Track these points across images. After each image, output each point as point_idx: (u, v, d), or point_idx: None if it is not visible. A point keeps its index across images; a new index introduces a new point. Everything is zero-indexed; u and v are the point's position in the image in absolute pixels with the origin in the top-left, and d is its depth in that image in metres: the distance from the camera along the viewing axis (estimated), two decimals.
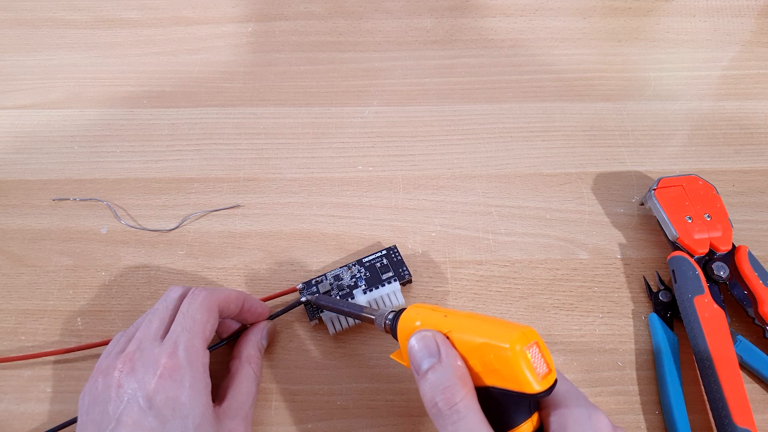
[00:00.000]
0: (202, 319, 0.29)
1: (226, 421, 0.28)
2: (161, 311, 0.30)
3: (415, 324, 0.27)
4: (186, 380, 0.27)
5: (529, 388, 0.23)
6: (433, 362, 0.25)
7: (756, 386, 0.35)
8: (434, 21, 0.53)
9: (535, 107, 0.48)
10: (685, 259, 0.36)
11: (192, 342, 0.28)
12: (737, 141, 0.46)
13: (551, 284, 0.38)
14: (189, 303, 0.30)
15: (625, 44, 0.52)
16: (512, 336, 0.23)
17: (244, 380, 0.31)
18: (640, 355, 0.36)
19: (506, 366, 0.23)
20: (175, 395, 0.26)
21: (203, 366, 0.28)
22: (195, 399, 0.27)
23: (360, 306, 0.32)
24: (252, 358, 0.32)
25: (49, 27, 0.52)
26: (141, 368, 0.27)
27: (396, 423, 0.33)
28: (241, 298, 0.33)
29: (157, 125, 0.46)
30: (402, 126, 0.46)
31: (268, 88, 0.49)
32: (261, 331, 0.34)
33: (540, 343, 0.24)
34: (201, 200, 0.42)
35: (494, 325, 0.25)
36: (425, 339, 0.25)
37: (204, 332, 0.29)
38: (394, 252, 0.38)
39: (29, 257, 0.40)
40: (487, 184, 0.43)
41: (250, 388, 0.31)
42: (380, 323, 0.30)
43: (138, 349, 0.28)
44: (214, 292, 0.31)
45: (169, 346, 0.28)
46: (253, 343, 0.33)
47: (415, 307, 0.28)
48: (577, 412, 0.24)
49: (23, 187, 0.43)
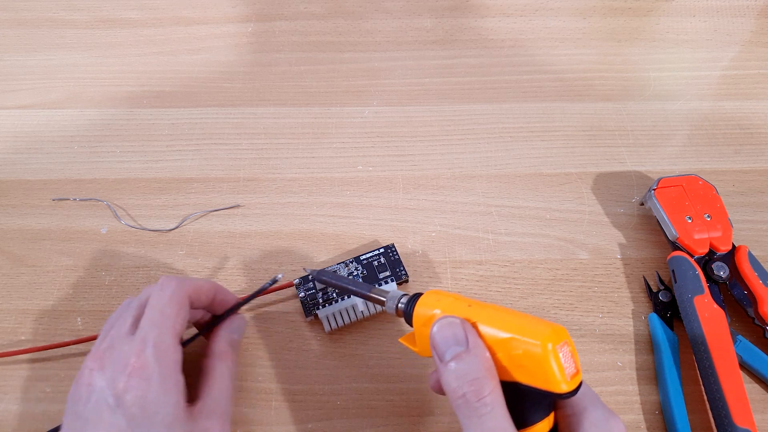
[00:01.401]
0: (172, 313, 0.28)
1: (201, 420, 0.28)
2: (134, 308, 0.29)
3: (434, 311, 0.26)
4: (154, 378, 0.26)
5: (557, 387, 0.22)
6: (459, 351, 0.24)
7: (756, 386, 0.35)
8: (434, 21, 0.53)
9: (535, 107, 0.48)
10: (685, 259, 0.36)
11: (161, 338, 0.27)
12: (737, 141, 0.46)
13: (551, 284, 0.38)
14: (158, 296, 0.29)
15: (625, 44, 0.52)
16: (545, 333, 0.23)
17: (217, 377, 0.30)
18: (640, 355, 0.36)
19: (536, 363, 0.23)
20: (143, 394, 0.26)
21: (173, 363, 0.27)
22: (164, 398, 0.26)
23: (368, 285, 0.31)
24: (224, 354, 0.31)
25: (49, 27, 0.52)
26: (110, 366, 0.27)
27: (396, 423, 0.33)
28: (213, 289, 0.32)
29: (157, 125, 0.47)
30: (402, 126, 0.46)
31: (268, 88, 0.49)
32: (231, 325, 0.33)
33: (570, 343, 0.23)
34: (201, 200, 0.42)
35: (525, 320, 0.24)
36: (453, 326, 0.25)
37: (174, 327, 0.28)
38: (391, 250, 0.38)
39: (29, 257, 0.40)
40: (487, 184, 0.43)
41: (224, 385, 0.30)
42: (392, 306, 0.28)
43: (109, 347, 0.28)
44: (184, 283, 0.30)
45: (138, 344, 0.27)
46: (224, 338, 0.32)
47: (435, 293, 0.27)
48: (595, 415, 0.24)
49: (23, 187, 0.43)
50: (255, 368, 0.35)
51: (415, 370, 0.35)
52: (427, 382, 0.34)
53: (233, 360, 0.31)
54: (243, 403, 0.34)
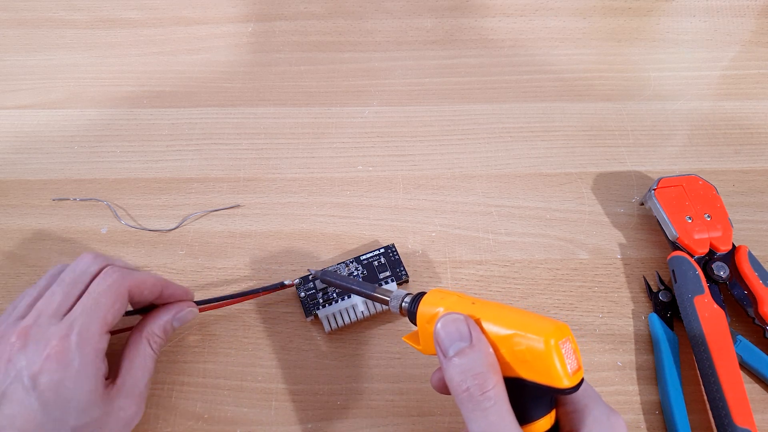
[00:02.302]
0: (107, 304, 0.28)
1: (118, 399, 0.28)
2: (68, 285, 0.29)
3: (438, 309, 0.26)
4: (74, 365, 0.26)
5: (559, 382, 0.23)
6: (463, 346, 0.24)
7: (756, 386, 0.35)
8: (434, 21, 0.53)
9: (535, 107, 0.48)
10: (685, 259, 0.36)
11: (88, 327, 0.27)
12: (737, 141, 0.46)
13: (551, 284, 0.38)
14: (98, 283, 0.29)
15: (625, 44, 0.52)
16: (547, 329, 0.23)
17: (140, 358, 0.30)
18: (640, 355, 0.36)
19: (538, 359, 0.23)
20: (59, 378, 0.26)
21: (96, 351, 0.27)
22: (81, 384, 0.26)
23: (372, 285, 0.31)
24: (153, 337, 0.31)
25: (49, 27, 0.52)
26: (33, 345, 0.27)
27: (396, 423, 0.33)
28: (159, 285, 0.31)
29: (157, 125, 0.46)
30: (402, 126, 0.46)
31: (268, 88, 0.49)
32: (173, 311, 0.32)
33: (572, 340, 0.24)
34: (201, 200, 0.42)
35: (527, 316, 0.24)
36: (456, 322, 0.25)
37: (105, 317, 0.28)
38: (392, 250, 0.38)
39: (29, 257, 0.40)
40: (487, 184, 0.43)
41: (146, 366, 0.30)
42: (395, 305, 0.29)
43: (35, 323, 0.27)
44: (127, 276, 0.30)
45: (64, 328, 0.27)
46: (160, 321, 0.31)
47: (438, 291, 0.27)
48: (596, 412, 0.24)
49: (23, 187, 0.43)
50: (255, 368, 0.35)
51: (415, 370, 0.35)
52: (428, 382, 0.34)
53: (159, 345, 0.31)
54: (243, 403, 0.34)
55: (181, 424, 0.33)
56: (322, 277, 0.33)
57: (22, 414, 0.25)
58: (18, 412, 0.25)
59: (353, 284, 0.32)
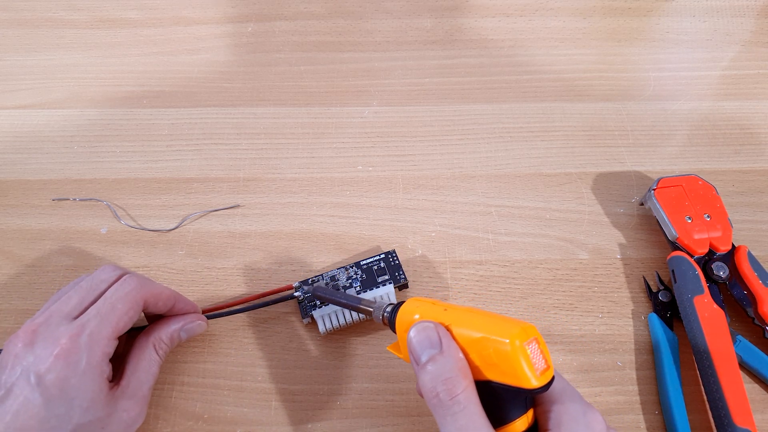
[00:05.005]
0: (122, 310, 0.29)
1: (122, 401, 0.28)
2: (85, 290, 0.30)
3: (414, 317, 0.27)
4: (81, 364, 0.27)
5: (527, 383, 0.23)
6: (434, 353, 0.25)
7: (756, 386, 0.35)
8: (434, 21, 0.53)
9: (535, 107, 0.48)
10: (684, 259, 0.36)
11: (99, 329, 0.28)
12: (737, 141, 0.46)
13: (551, 284, 0.38)
14: (116, 289, 0.29)
15: (625, 44, 0.52)
16: (512, 331, 0.23)
17: (145, 362, 0.30)
18: (640, 355, 0.36)
19: (505, 360, 0.23)
20: (65, 376, 0.26)
21: (103, 354, 0.28)
22: (86, 384, 0.27)
23: (357, 298, 0.32)
24: (159, 343, 0.31)
25: (49, 27, 0.52)
26: (41, 343, 0.27)
27: (396, 423, 0.33)
28: (173, 298, 0.32)
29: (156, 125, 0.47)
30: (402, 126, 0.46)
31: (268, 88, 0.49)
32: (182, 321, 0.33)
33: (539, 339, 0.24)
34: (201, 200, 0.42)
35: (494, 319, 0.25)
36: (426, 330, 0.25)
37: (118, 323, 0.29)
38: (392, 256, 0.38)
39: (29, 257, 0.40)
40: (487, 184, 0.43)
41: (150, 371, 0.30)
42: (378, 315, 0.30)
43: (45, 322, 0.28)
44: (145, 286, 0.30)
45: (75, 328, 0.27)
46: (168, 329, 0.32)
47: (414, 300, 0.28)
48: (573, 408, 0.24)
49: (23, 187, 0.43)
50: (255, 368, 0.35)
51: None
52: None
53: (165, 351, 0.32)
54: (243, 403, 0.34)
55: (181, 424, 0.33)
56: (313, 293, 0.34)
57: (26, 409, 0.26)
58: (22, 406, 0.26)
59: (340, 297, 0.32)
